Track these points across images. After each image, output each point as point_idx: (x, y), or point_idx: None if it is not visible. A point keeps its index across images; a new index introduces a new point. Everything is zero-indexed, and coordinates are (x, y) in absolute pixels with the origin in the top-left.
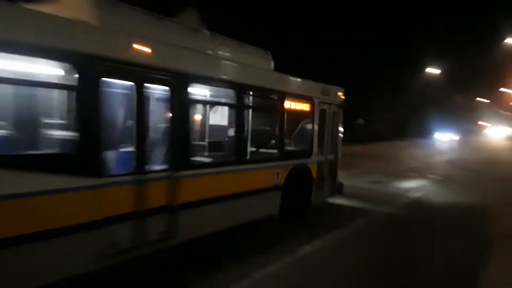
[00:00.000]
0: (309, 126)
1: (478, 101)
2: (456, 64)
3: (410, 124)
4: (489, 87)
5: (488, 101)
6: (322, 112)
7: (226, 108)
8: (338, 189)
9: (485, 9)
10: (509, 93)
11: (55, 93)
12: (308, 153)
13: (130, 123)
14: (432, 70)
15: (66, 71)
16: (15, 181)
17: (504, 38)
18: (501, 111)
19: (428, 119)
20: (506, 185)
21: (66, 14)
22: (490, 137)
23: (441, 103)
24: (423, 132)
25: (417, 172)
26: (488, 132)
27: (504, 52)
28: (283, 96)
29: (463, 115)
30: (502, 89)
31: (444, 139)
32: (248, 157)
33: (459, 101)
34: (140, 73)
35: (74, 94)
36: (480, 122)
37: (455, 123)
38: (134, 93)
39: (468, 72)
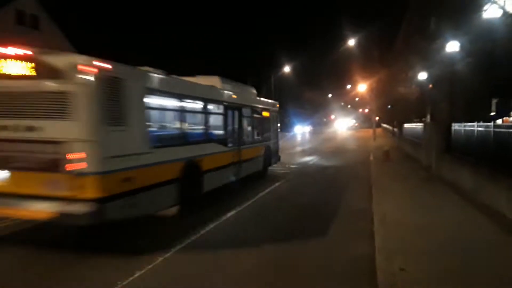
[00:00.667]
0: (268, 124)
1: (329, 97)
2: (308, 64)
3: None
4: (338, 84)
5: (335, 96)
6: (272, 116)
7: (247, 118)
8: (279, 159)
9: (332, 13)
10: (354, 89)
11: (216, 116)
12: (269, 138)
13: (231, 126)
14: (286, 69)
15: (218, 108)
16: (212, 147)
17: (347, 40)
18: (347, 106)
19: (288, 114)
20: (353, 168)
21: (208, 83)
22: (338, 128)
23: (297, 99)
24: (285, 125)
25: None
26: (337, 124)
27: (348, 53)
28: (262, 109)
29: (316, 110)
30: (348, 86)
31: (301, 131)
32: (255, 140)
33: (312, 98)
34: (232, 105)
35: (221, 116)
36: (331, 116)
37: (310, 117)
38: (231, 114)
39: (319, 71)
